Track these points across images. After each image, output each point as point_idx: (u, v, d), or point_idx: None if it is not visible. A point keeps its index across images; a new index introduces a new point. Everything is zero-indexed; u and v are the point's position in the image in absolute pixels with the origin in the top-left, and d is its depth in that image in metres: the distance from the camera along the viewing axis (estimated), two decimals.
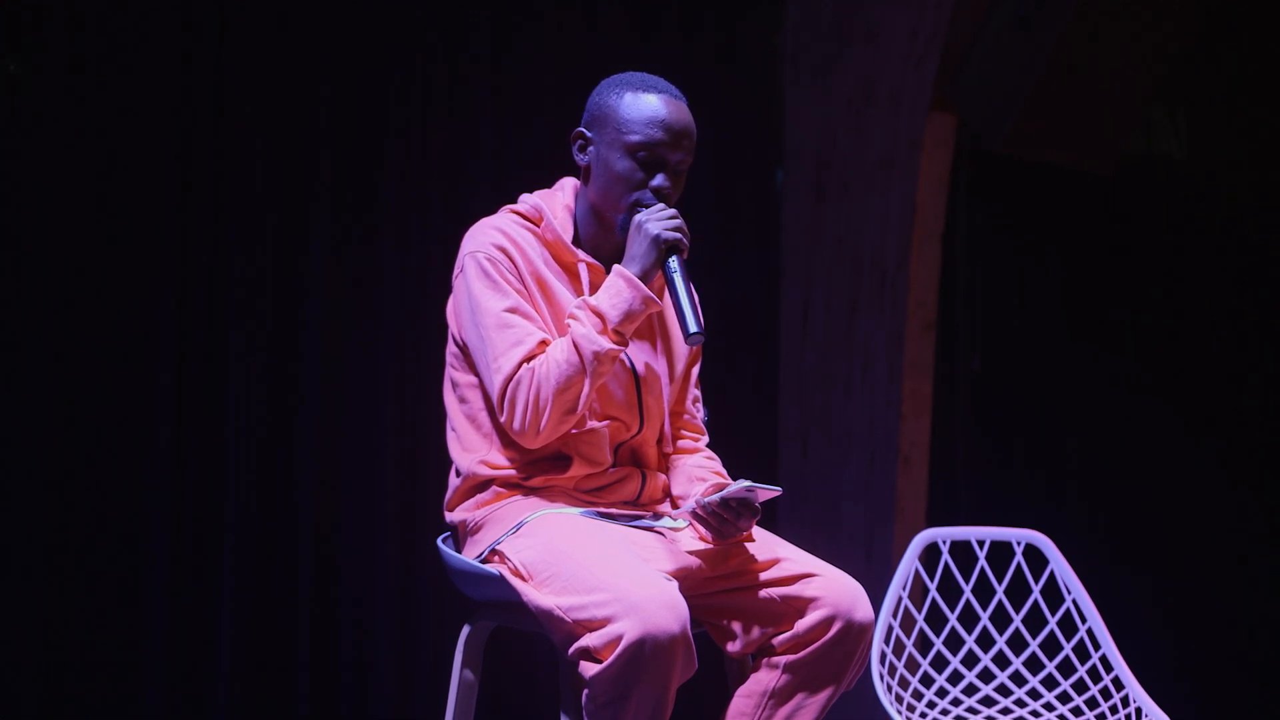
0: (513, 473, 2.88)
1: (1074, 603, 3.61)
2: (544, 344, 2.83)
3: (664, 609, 2.57)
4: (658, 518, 2.94)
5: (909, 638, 3.74)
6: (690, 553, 2.83)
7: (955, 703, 3.72)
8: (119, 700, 4.78)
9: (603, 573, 2.64)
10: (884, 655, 3.55)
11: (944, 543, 3.73)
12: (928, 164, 5.34)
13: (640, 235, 2.83)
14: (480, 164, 5.28)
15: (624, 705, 2.59)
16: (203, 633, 4.88)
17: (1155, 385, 6.19)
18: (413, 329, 5.13)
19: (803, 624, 2.78)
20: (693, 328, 2.81)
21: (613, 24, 5.51)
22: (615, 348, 2.80)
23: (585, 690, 2.63)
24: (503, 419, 2.82)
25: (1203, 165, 6.25)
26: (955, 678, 3.80)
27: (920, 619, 3.71)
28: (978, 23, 5.32)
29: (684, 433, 3.07)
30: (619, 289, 2.81)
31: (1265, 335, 6.26)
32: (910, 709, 3.61)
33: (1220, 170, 6.27)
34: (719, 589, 2.83)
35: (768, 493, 2.76)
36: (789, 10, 5.83)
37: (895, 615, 3.63)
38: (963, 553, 3.77)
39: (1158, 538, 6.14)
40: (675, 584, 2.65)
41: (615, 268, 2.84)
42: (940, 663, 3.85)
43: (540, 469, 2.88)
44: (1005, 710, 3.67)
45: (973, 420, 5.89)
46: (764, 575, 2.81)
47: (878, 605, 3.24)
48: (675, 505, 2.98)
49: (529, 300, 2.88)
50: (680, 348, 3.03)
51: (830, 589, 2.79)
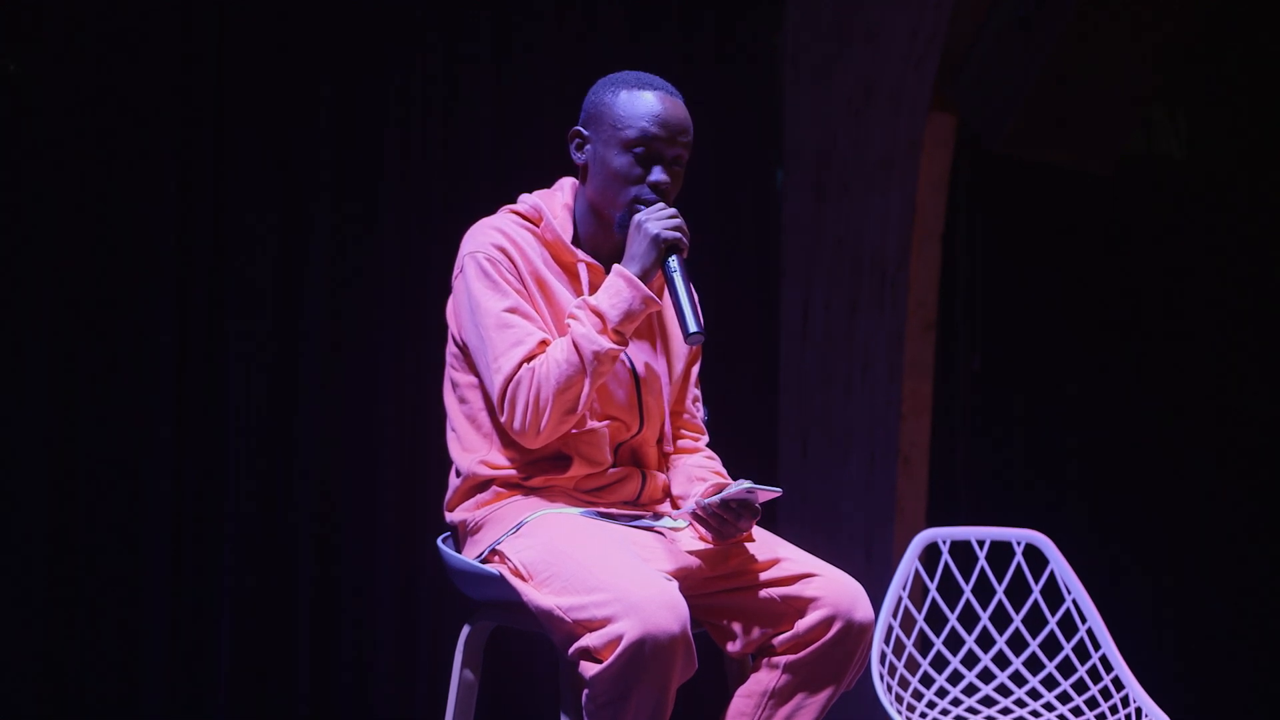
0: (513, 473, 2.88)
1: (1074, 603, 3.61)
2: (544, 344, 2.83)
3: (664, 609, 2.57)
4: (658, 518, 2.94)
5: (909, 638, 3.74)
6: (690, 553, 2.83)
7: (955, 703, 3.72)
8: (119, 700, 4.78)
9: (603, 573, 2.64)
10: (884, 655, 3.55)
11: (944, 543, 3.72)
12: (928, 164, 5.34)
13: (640, 234, 2.83)
14: (480, 164, 5.28)
15: (624, 705, 2.59)
16: (203, 633, 4.88)
17: (1155, 385, 6.19)
18: (413, 329, 5.13)
19: (803, 624, 2.78)
20: (692, 327, 2.81)
21: (613, 24, 5.50)
22: (615, 347, 2.80)
23: (585, 690, 2.63)
24: (503, 419, 2.82)
25: (1203, 165, 6.25)
26: (955, 678, 3.80)
27: (920, 619, 3.71)
28: (978, 23, 5.32)
29: (684, 432, 3.07)
30: (619, 288, 2.81)
31: (1265, 335, 6.26)
32: (910, 709, 3.61)
33: (1220, 170, 6.27)
34: (719, 589, 2.83)
35: (767, 494, 2.75)
36: (789, 10, 5.83)
37: (895, 615, 3.63)
38: (963, 553, 3.76)
39: (1157, 537, 6.14)
40: (675, 584, 2.65)
41: (615, 267, 2.83)
42: (940, 663, 3.85)
43: (540, 469, 2.88)
44: (1005, 710, 3.67)
45: (973, 420, 5.89)
46: (764, 575, 2.81)
47: (878, 605, 3.24)
48: (675, 505, 2.97)
49: (529, 300, 2.87)
50: (680, 347, 3.03)
51: (830, 589, 2.79)
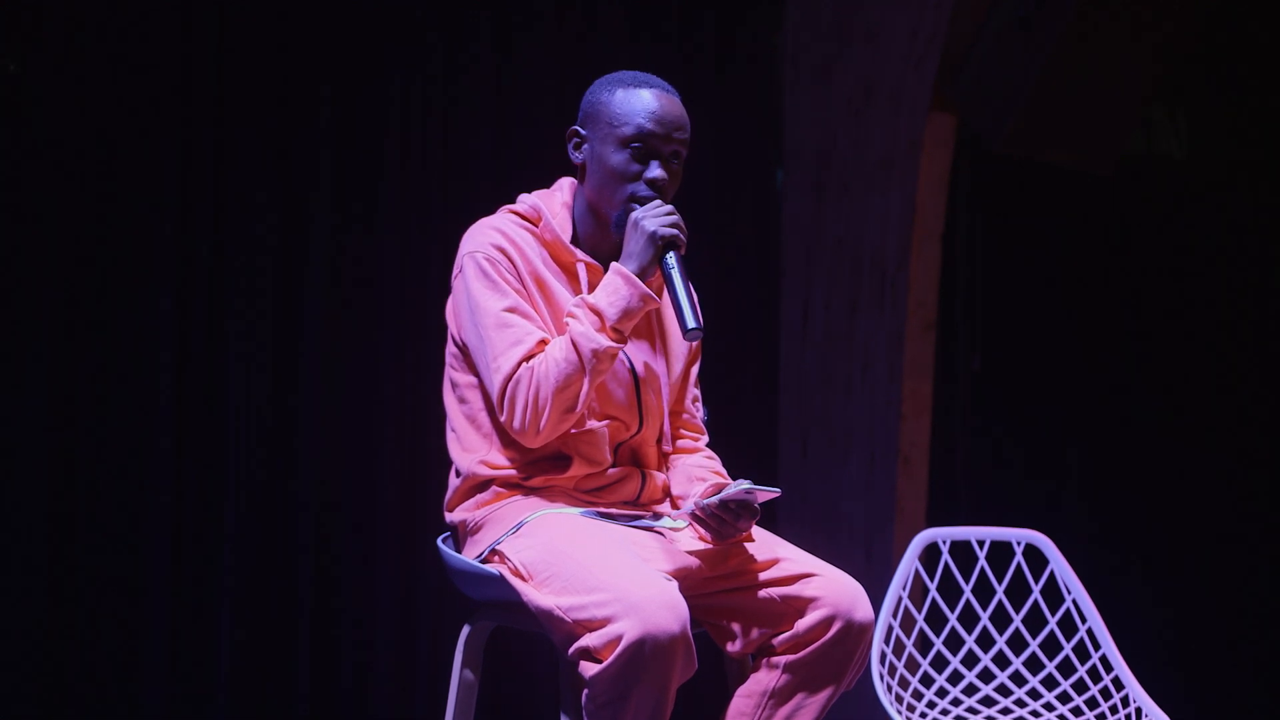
0: (512, 473, 2.88)
1: (1074, 603, 3.60)
2: (543, 343, 2.83)
3: (664, 609, 2.57)
4: (657, 518, 2.94)
5: (909, 638, 3.74)
6: (690, 553, 2.83)
7: (955, 703, 3.72)
8: (119, 701, 4.78)
9: (603, 573, 2.64)
10: (884, 655, 3.55)
11: (944, 543, 3.72)
12: (928, 164, 5.34)
13: (637, 232, 2.83)
14: (480, 164, 5.28)
15: (624, 705, 2.59)
16: (203, 633, 4.88)
17: (1155, 385, 6.19)
18: (413, 329, 5.13)
19: (803, 624, 2.78)
20: (691, 323, 2.81)
21: (613, 24, 5.50)
22: (614, 345, 2.79)
23: (585, 690, 2.63)
24: (503, 418, 2.82)
25: (1203, 165, 6.25)
26: (955, 678, 3.79)
27: (920, 619, 3.71)
28: (978, 23, 5.32)
29: (683, 432, 3.07)
30: (617, 286, 2.81)
31: (1265, 335, 6.26)
32: (910, 709, 3.61)
33: (1220, 170, 6.27)
34: (719, 589, 2.83)
35: (767, 494, 2.75)
36: (789, 10, 5.83)
37: (895, 615, 3.63)
38: (963, 553, 3.76)
39: (1157, 537, 6.14)
40: (675, 584, 2.65)
41: (613, 265, 2.83)
42: (940, 663, 3.84)
43: (540, 469, 2.88)
44: (1005, 710, 3.67)
45: (973, 420, 5.89)
46: (764, 575, 2.81)
47: (878, 605, 3.24)
48: (675, 505, 2.97)
49: (528, 300, 2.87)
50: (679, 347, 3.02)
51: (830, 589, 2.79)
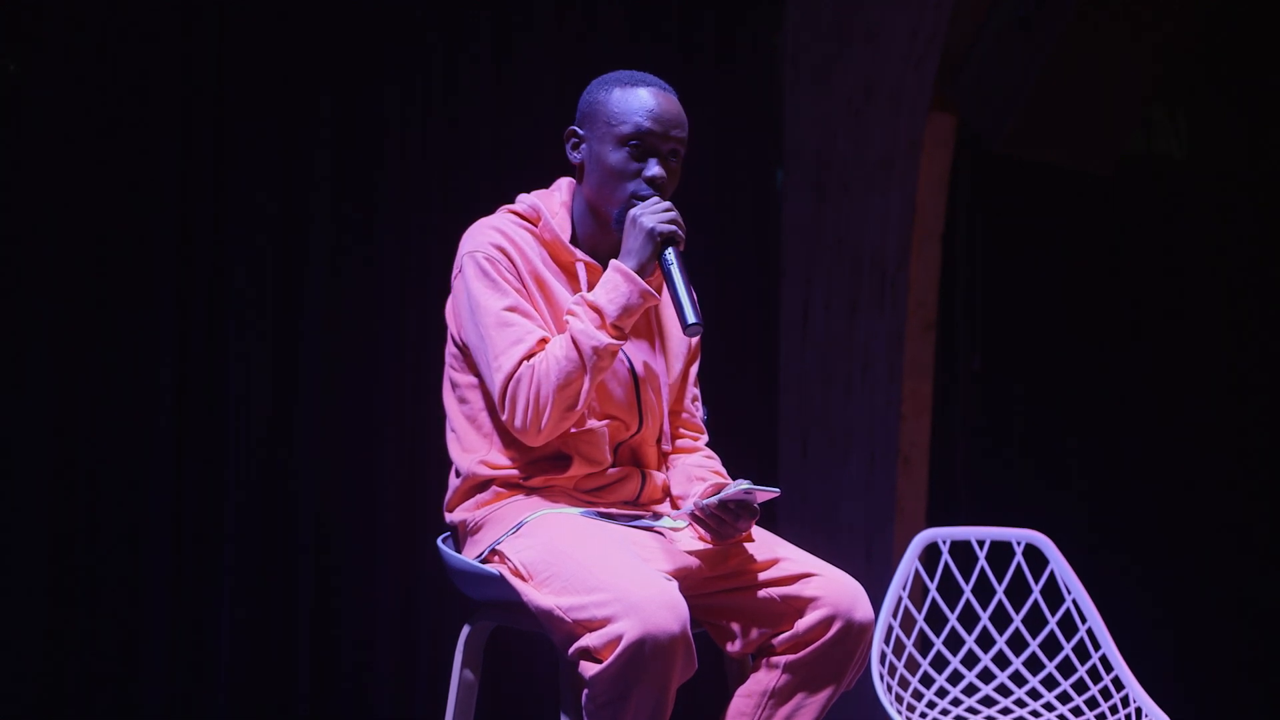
0: (512, 473, 2.88)
1: (1074, 603, 3.60)
2: (544, 341, 2.83)
3: (664, 609, 2.57)
4: (657, 518, 2.94)
5: (909, 638, 3.74)
6: (690, 553, 2.83)
7: (955, 703, 3.72)
8: (119, 700, 4.78)
9: (603, 573, 2.64)
10: (884, 655, 3.55)
11: (944, 543, 3.72)
12: (928, 164, 5.34)
13: (635, 229, 2.83)
14: (480, 164, 5.28)
15: (624, 705, 2.59)
16: (203, 633, 4.88)
17: (1155, 385, 6.19)
18: (413, 329, 5.13)
19: (802, 624, 2.78)
20: (691, 319, 2.80)
21: (613, 24, 5.50)
22: (614, 342, 2.79)
23: (585, 690, 2.63)
24: (504, 417, 2.82)
25: (1203, 165, 6.25)
26: (955, 678, 3.79)
27: (920, 619, 3.71)
28: (978, 23, 5.32)
29: (683, 432, 3.07)
30: (616, 284, 2.81)
31: (1265, 335, 6.26)
32: (910, 709, 3.61)
33: (1220, 170, 6.27)
34: (719, 589, 2.83)
35: (766, 494, 2.75)
36: (789, 10, 5.83)
37: (895, 615, 3.63)
38: (963, 553, 3.76)
39: (1157, 537, 6.14)
40: (675, 584, 2.65)
41: (612, 263, 2.83)
42: (940, 663, 3.84)
43: (540, 469, 2.88)
44: (1005, 710, 3.67)
45: (973, 420, 5.89)
46: (763, 575, 2.81)
47: (878, 605, 3.24)
48: (675, 505, 2.97)
49: (528, 299, 2.87)
50: (679, 347, 3.02)
51: (830, 589, 2.79)
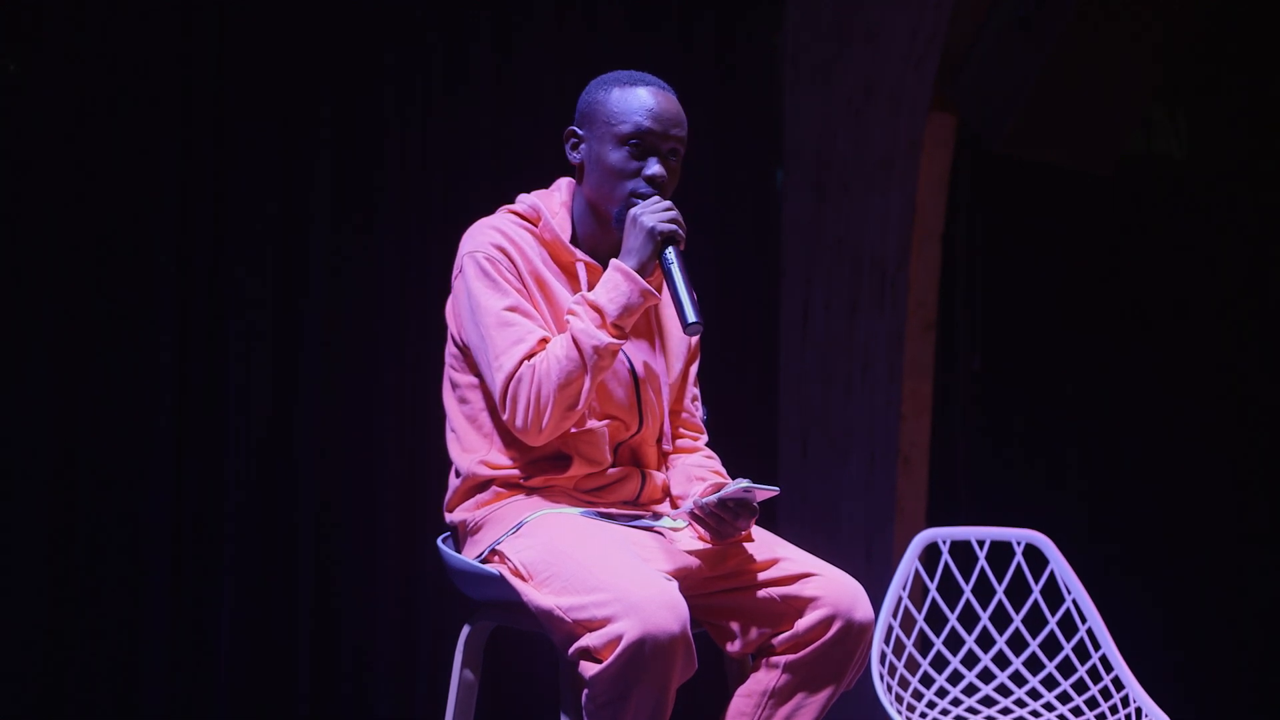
0: (512, 473, 2.88)
1: (1074, 603, 3.60)
2: (544, 341, 2.83)
3: (664, 609, 2.57)
4: (657, 518, 2.94)
5: (909, 638, 3.74)
6: (689, 553, 2.83)
7: (955, 703, 3.72)
8: (119, 700, 4.78)
9: (603, 573, 2.64)
10: (884, 655, 3.55)
11: (944, 543, 3.72)
12: (928, 164, 5.34)
13: (636, 228, 2.82)
14: (480, 164, 5.28)
15: (624, 705, 2.59)
16: (203, 633, 4.88)
17: (1155, 385, 6.19)
18: (413, 329, 5.13)
19: (802, 624, 2.78)
20: (691, 317, 2.80)
21: (613, 24, 5.50)
22: (615, 342, 2.79)
23: (585, 690, 2.63)
24: (505, 417, 2.82)
25: (1203, 165, 6.25)
26: (955, 678, 3.79)
27: (920, 619, 3.71)
28: (978, 23, 5.32)
29: (683, 432, 3.07)
30: (616, 283, 2.81)
31: (1265, 335, 6.26)
32: (910, 709, 3.61)
33: (1220, 170, 6.27)
34: (718, 589, 2.83)
35: (765, 493, 2.75)
36: (789, 10, 5.83)
37: (895, 615, 3.63)
38: (963, 553, 3.76)
39: (1158, 537, 6.14)
40: (675, 584, 2.65)
41: (612, 262, 2.83)
42: (940, 663, 3.84)
43: (540, 469, 2.88)
44: (1005, 710, 3.67)
45: (973, 420, 5.89)
46: (763, 575, 2.81)
47: (878, 605, 3.24)
48: (675, 505, 2.97)
49: (528, 299, 2.87)
50: (679, 346, 3.02)
51: (830, 589, 2.79)
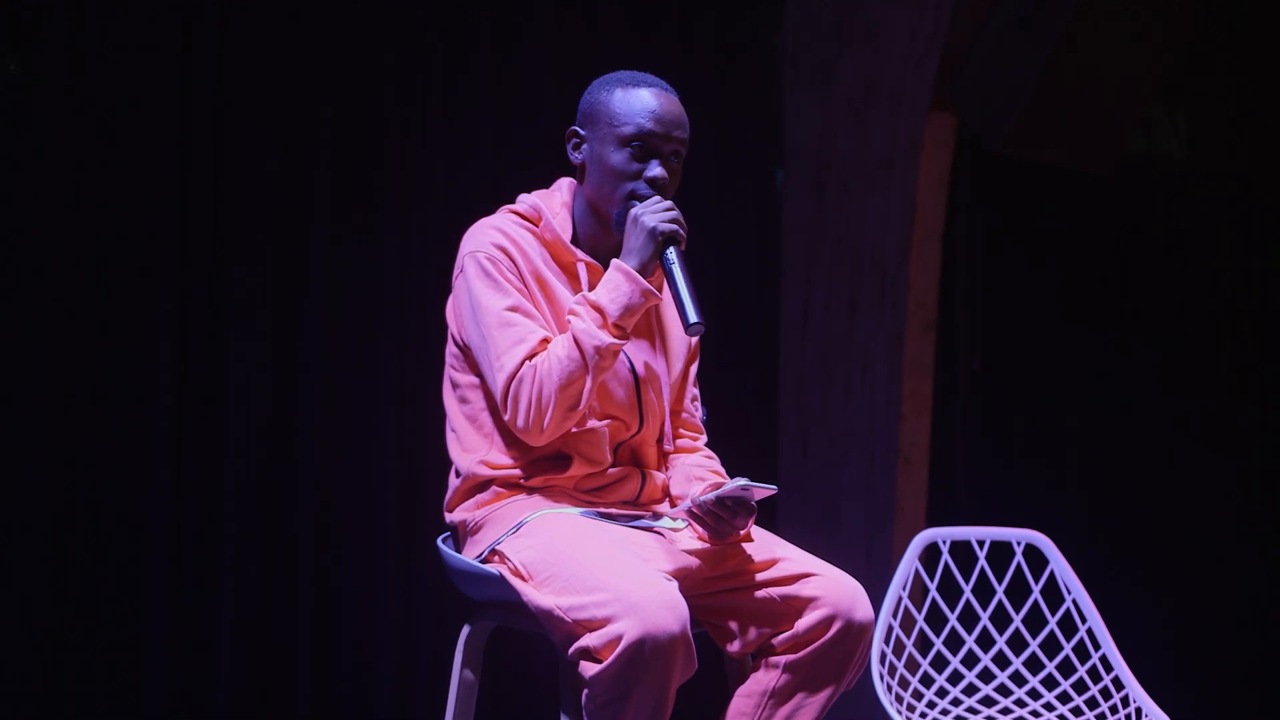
0: (513, 473, 2.88)
1: (1074, 603, 3.60)
2: (546, 341, 2.83)
3: (664, 609, 2.57)
4: (657, 518, 2.94)
5: (909, 638, 3.74)
6: (689, 553, 2.83)
7: (955, 703, 3.72)
8: (119, 700, 4.78)
9: (603, 573, 2.64)
10: (884, 655, 3.55)
11: (944, 543, 3.72)
12: (928, 164, 5.34)
13: (637, 228, 2.83)
14: (480, 164, 5.28)
15: (624, 705, 2.59)
16: (203, 633, 4.88)
17: (1155, 385, 6.19)
18: (413, 329, 5.13)
19: (802, 624, 2.78)
20: (693, 318, 2.80)
21: (613, 24, 5.50)
22: (616, 342, 2.79)
23: (585, 690, 2.63)
24: (506, 417, 2.82)
25: (1203, 165, 6.25)
26: (955, 678, 3.79)
27: (920, 619, 3.71)
28: (978, 23, 5.32)
29: (683, 432, 3.07)
30: (618, 283, 2.81)
31: (1266, 335, 6.26)
32: (910, 709, 3.61)
33: (1220, 170, 6.27)
34: (718, 589, 2.83)
35: (764, 491, 2.75)
36: (789, 10, 5.83)
37: (895, 615, 3.63)
38: (963, 553, 3.76)
39: (1158, 537, 6.14)
40: (675, 584, 2.65)
41: (613, 262, 2.83)
42: (940, 663, 3.84)
43: (540, 469, 2.88)
44: (1005, 710, 3.67)
45: (973, 420, 5.89)
46: (763, 575, 2.81)
47: (878, 605, 3.24)
48: (674, 505, 2.97)
49: (529, 299, 2.87)
50: (679, 346, 3.02)
51: (830, 589, 2.79)
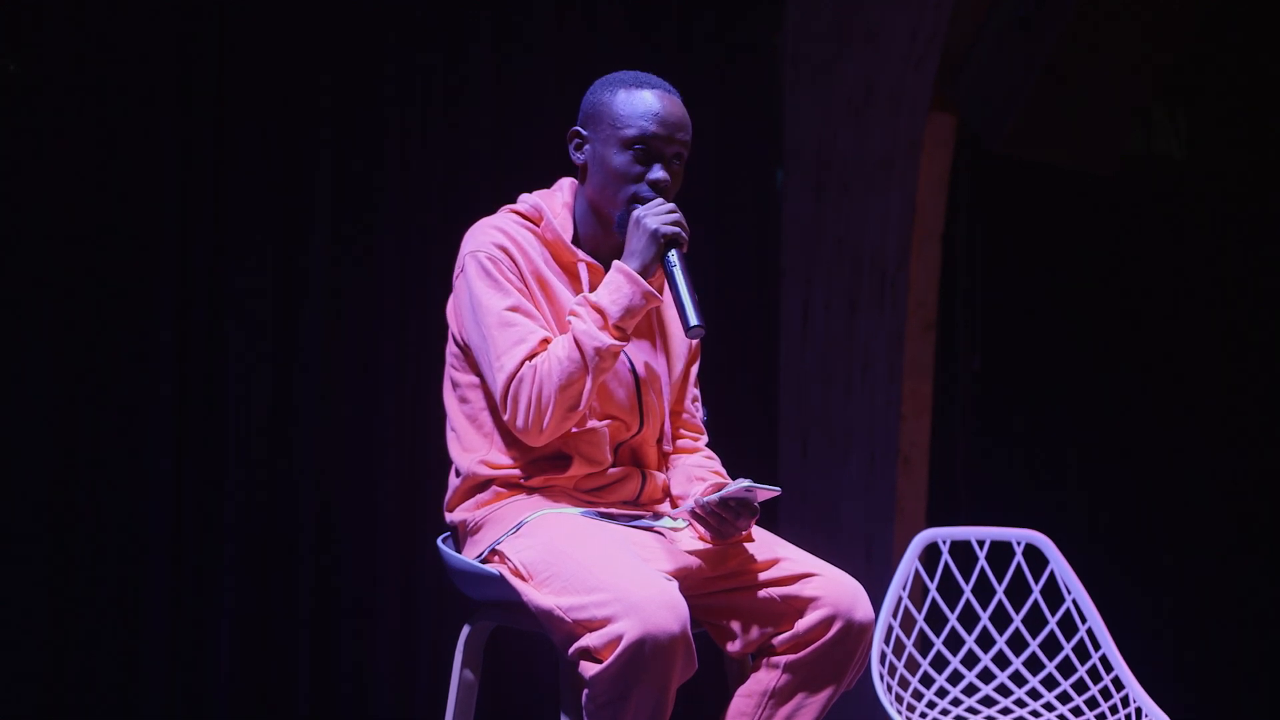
0: (513, 472, 2.88)
1: (1074, 603, 3.60)
2: (546, 342, 2.83)
3: (664, 609, 2.57)
4: (657, 518, 2.94)
5: (909, 638, 3.74)
6: (690, 553, 2.83)
7: (955, 703, 3.72)
8: (119, 700, 4.78)
9: (603, 573, 2.64)
10: (884, 655, 3.55)
11: (944, 543, 3.72)
12: (928, 164, 5.34)
13: (639, 230, 2.83)
14: (480, 164, 5.28)
15: (624, 705, 2.59)
16: (203, 633, 4.88)
17: (1155, 385, 6.19)
18: (413, 329, 5.13)
19: (803, 624, 2.78)
20: (694, 321, 2.80)
21: (613, 24, 5.50)
22: (616, 343, 2.79)
23: (585, 690, 2.63)
24: (506, 417, 2.82)
25: (1203, 165, 6.25)
26: (955, 678, 3.79)
27: (920, 619, 3.71)
28: (978, 23, 5.32)
29: (683, 432, 3.07)
30: (619, 284, 2.81)
31: (1265, 335, 6.26)
32: (910, 709, 3.61)
33: (1220, 170, 6.27)
34: (719, 589, 2.83)
35: (766, 493, 2.75)
36: (789, 10, 5.83)
37: (895, 615, 3.63)
38: (963, 553, 3.76)
39: (1158, 537, 6.14)
40: (675, 584, 2.65)
41: (615, 263, 2.83)
42: (940, 663, 3.84)
43: (540, 469, 2.88)
44: (1005, 710, 3.67)
45: (973, 420, 5.89)
46: (764, 575, 2.81)
47: (878, 605, 3.24)
48: (675, 505, 2.97)
49: (530, 299, 2.87)
50: (680, 347, 3.03)
51: (830, 589, 2.79)
